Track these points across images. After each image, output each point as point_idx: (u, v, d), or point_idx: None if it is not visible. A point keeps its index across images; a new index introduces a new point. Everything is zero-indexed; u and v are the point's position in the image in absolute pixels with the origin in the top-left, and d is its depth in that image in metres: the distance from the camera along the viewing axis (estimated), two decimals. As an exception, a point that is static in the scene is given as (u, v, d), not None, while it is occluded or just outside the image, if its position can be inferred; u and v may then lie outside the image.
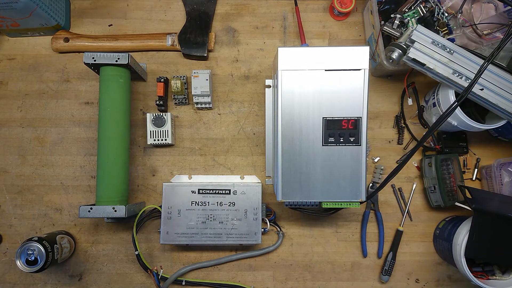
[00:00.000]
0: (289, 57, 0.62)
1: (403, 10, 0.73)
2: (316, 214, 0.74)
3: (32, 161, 0.79)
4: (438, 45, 0.66)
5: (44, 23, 0.77)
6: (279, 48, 0.62)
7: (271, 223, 0.78)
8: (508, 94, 0.67)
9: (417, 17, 0.72)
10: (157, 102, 0.78)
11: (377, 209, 0.79)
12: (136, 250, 0.74)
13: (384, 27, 0.72)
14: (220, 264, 0.77)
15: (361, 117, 0.62)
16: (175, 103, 0.80)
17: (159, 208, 0.75)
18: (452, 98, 0.68)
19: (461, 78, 0.65)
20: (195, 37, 0.80)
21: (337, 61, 0.62)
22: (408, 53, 0.65)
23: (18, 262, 0.66)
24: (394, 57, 0.67)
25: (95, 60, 0.69)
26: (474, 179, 0.80)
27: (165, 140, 0.76)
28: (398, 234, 0.78)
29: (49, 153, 0.79)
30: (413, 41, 0.66)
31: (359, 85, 0.62)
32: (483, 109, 0.70)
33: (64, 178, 0.79)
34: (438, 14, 0.71)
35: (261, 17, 0.83)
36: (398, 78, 0.81)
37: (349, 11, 0.80)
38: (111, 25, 0.83)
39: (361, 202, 0.64)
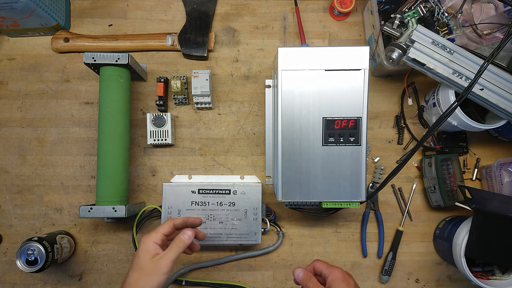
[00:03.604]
0: (289, 57, 0.62)
1: (403, 10, 0.73)
2: (316, 214, 0.74)
3: (32, 161, 0.79)
4: (438, 45, 0.66)
5: (44, 23, 0.77)
6: (279, 48, 0.62)
7: (271, 223, 0.78)
8: (508, 94, 0.67)
9: (417, 17, 0.72)
10: (157, 102, 0.78)
11: (377, 209, 0.79)
12: (136, 250, 0.74)
13: (384, 27, 0.72)
14: (220, 264, 0.77)
15: (361, 117, 0.62)
16: (175, 103, 0.80)
17: (159, 208, 0.75)
18: (452, 98, 0.68)
19: (461, 78, 0.65)
20: (195, 37, 0.80)
21: (337, 61, 0.62)
22: (408, 53, 0.65)
23: (18, 262, 0.66)
24: (394, 57, 0.67)
25: (95, 60, 0.69)
26: (474, 179, 0.80)
27: (165, 140, 0.76)
28: (398, 234, 0.78)
29: (49, 153, 0.79)
30: (413, 41, 0.66)
31: (359, 85, 0.62)
32: (483, 109, 0.70)
33: (64, 178, 0.79)
34: (438, 14, 0.71)
35: (261, 17, 0.83)
36: (398, 78, 0.81)
37: (349, 11, 0.80)
38: (111, 25, 0.83)
39: (361, 202, 0.64)
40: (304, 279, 0.55)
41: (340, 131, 0.63)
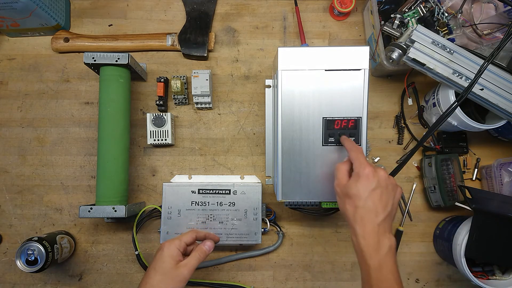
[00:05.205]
0: (289, 57, 0.62)
1: (403, 10, 0.73)
2: (316, 214, 0.74)
3: (32, 161, 0.79)
4: (438, 45, 0.66)
5: (44, 23, 0.77)
6: (279, 48, 0.62)
7: (271, 223, 0.78)
8: (508, 94, 0.67)
9: (417, 17, 0.72)
10: (157, 102, 0.78)
11: (377, 209, 0.78)
12: (136, 250, 0.74)
13: (384, 27, 0.72)
14: (220, 264, 0.77)
15: (361, 117, 0.62)
16: (175, 103, 0.80)
17: (159, 208, 0.75)
18: (452, 98, 0.68)
19: (461, 78, 0.65)
20: (195, 37, 0.80)
21: (337, 61, 0.62)
22: (408, 53, 0.65)
23: (18, 262, 0.66)
24: (394, 57, 0.67)
25: (95, 60, 0.69)
26: (474, 179, 0.80)
27: (165, 140, 0.76)
28: (398, 234, 0.78)
29: (49, 153, 0.79)
30: (413, 41, 0.66)
31: (359, 85, 0.62)
32: (483, 109, 0.70)
33: (64, 178, 0.79)
34: (438, 14, 0.71)
35: (261, 17, 0.83)
36: (398, 78, 0.81)
37: (349, 11, 0.80)
38: (111, 25, 0.83)
39: (361, 202, 0.64)
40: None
41: (340, 131, 0.63)
